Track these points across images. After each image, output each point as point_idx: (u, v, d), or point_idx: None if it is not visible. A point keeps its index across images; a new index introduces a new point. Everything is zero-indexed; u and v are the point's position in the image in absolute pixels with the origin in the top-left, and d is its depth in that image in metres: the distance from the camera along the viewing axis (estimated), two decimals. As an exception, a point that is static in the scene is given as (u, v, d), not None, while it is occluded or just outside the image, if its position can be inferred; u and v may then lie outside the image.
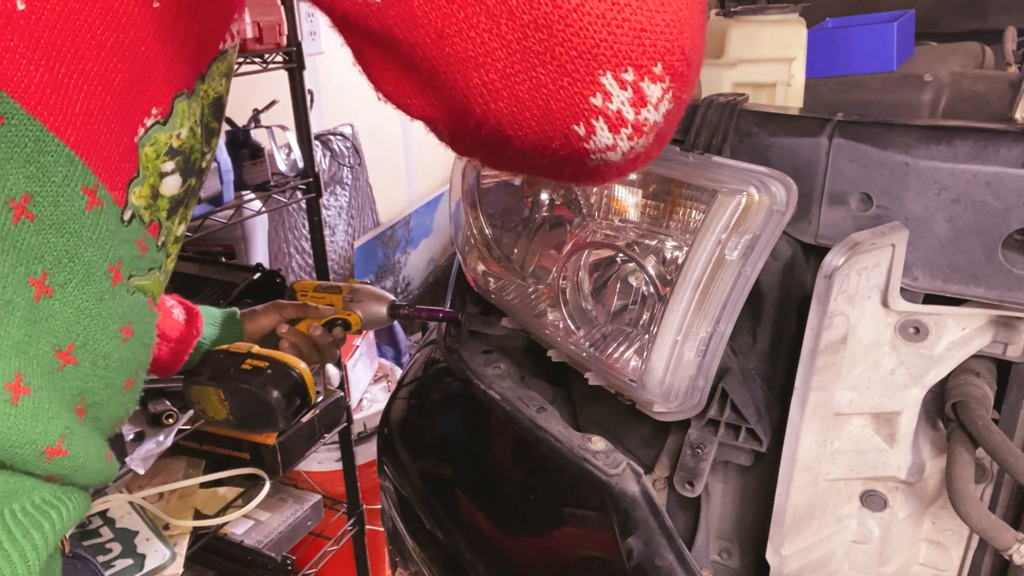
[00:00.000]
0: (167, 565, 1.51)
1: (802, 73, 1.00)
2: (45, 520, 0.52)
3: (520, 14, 0.40)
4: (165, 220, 0.59)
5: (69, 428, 0.53)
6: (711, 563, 0.87)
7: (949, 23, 1.52)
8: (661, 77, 0.43)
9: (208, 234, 1.70)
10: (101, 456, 0.57)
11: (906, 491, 0.80)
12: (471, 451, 1.04)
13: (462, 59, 0.42)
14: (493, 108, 0.44)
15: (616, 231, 0.86)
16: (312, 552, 2.04)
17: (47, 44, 0.46)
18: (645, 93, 0.43)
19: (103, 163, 0.51)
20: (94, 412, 0.57)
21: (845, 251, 0.68)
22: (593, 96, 0.43)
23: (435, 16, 0.41)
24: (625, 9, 0.40)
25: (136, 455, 1.44)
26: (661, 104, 0.44)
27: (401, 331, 2.84)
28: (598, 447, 0.84)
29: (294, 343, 1.03)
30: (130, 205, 0.54)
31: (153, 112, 0.54)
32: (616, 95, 0.43)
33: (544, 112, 0.44)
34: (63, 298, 0.51)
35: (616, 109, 0.43)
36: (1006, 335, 0.73)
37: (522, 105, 0.44)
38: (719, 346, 0.75)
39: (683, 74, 0.44)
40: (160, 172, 0.56)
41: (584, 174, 0.49)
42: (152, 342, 0.63)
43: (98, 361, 0.55)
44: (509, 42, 0.41)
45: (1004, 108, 1.04)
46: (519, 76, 0.42)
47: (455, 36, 0.42)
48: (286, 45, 1.72)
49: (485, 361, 1.05)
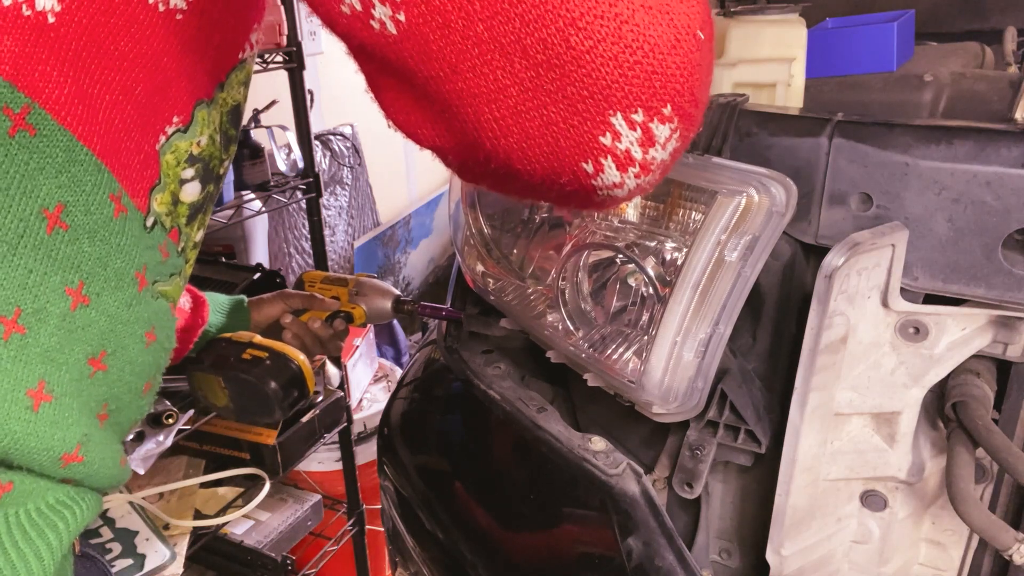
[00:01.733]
0: (167, 565, 1.50)
1: (802, 73, 1.00)
2: (60, 520, 0.53)
3: (534, 53, 0.41)
4: (185, 226, 0.60)
5: (87, 435, 0.53)
6: (711, 563, 0.87)
7: (949, 23, 1.52)
8: (670, 118, 0.44)
9: (208, 234, 1.70)
10: (116, 461, 0.58)
11: (906, 491, 0.80)
12: (471, 451, 1.04)
13: (475, 94, 0.43)
14: (503, 143, 0.45)
15: (615, 232, 0.86)
16: (312, 552, 2.04)
17: (74, 56, 0.47)
18: (654, 133, 0.44)
19: (126, 171, 0.52)
20: (115, 416, 0.58)
21: (845, 251, 0.68)
22: (603, 135, 0.43)
23: (450, 52, 0.41)
24: (637, 52, 0.41)
25: (136, 455, 1.44)
26: (669, 143, 0.45)
27: (401, 331, 2.84)
28: (598, 447, 0.84)
29: (297, 334, 1.04)
30: (152, 212, 0.55)
31: (174, 120, 0.55)
32: (625, 135, 0.43)
33: (553, 149, 0.44)
34: (99, 307, 0.52)
35: (625, 148, 0.44)
36: (1006, 335, 0.73)
37: (532, 141, 0.44)
38: (718, 347, 0.75)
39: (691, 115, 0.45)
40: (180, 179, 0.57)
41: (591, 205, 0.50)
42: (172, 346, 0.65)
43: (125, 367, 0.56)
44: (522, 80, 0.42)
45: (1004, 108, 1.04)
46: (530, 113, 0.43)
47: (468, 72, 0.42)
48: (286, 45, 1.72)
49: (485, 361, 1.05)
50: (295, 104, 1.81)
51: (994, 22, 1.44)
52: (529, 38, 0.40)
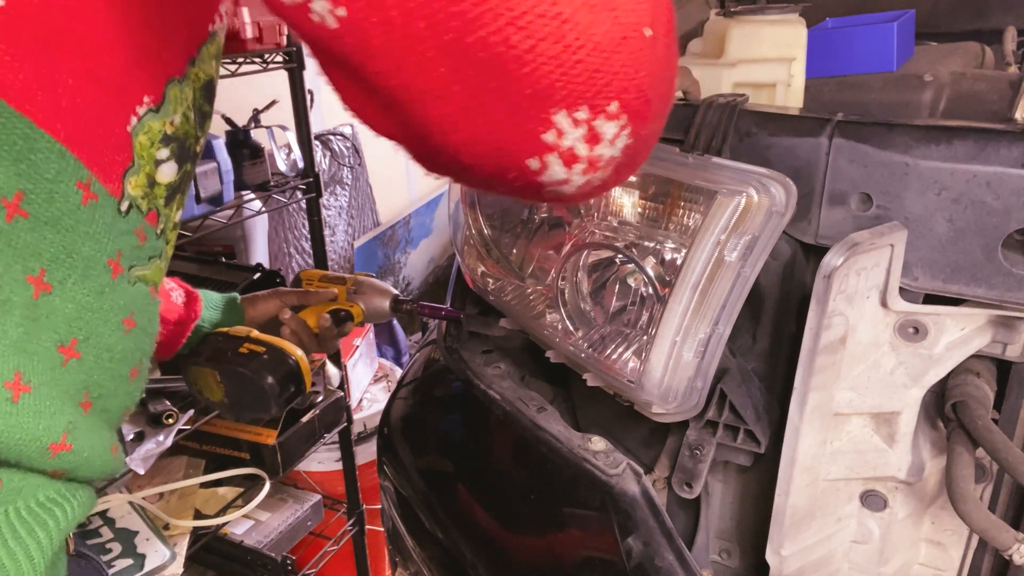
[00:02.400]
0: (167, 565, 1.51)
1: (802, 73, 1.00)
2: (49, 518, 0.52)
3: (475, 52, 0.40)
4: (163, 208, 0.58)
5: (73, 423, 0.53)
6: (711, 563, 0.87)
7: (949, 23, 1.52)
8: (617, 115, 0.44)
9: (208, 234, 1.70)
10: (107, 449, 0.58)
11: (906, 491, 0.80)
12: (471, 451, 1.04)
13: (420, 91, 0.43)
14: (451, 139, 0.45)
15: (615, 232, 0.86)
16: (312, 552, 2.04)
17: (29, 39, 0.46)
18: (599, 131, 0.44)
19: (96, 156, 0.51)
20: (101, 404, 0.57)
21: (844, 251, 0.68)
22: (546, 133, 0.43)
23: (392, 48, 0.41)
24: (579, 51, 0.41)
25: (136, 455, 1.44)
26: (618, 140, 0.45)
27: (401, 331, 2.84)
28: (598, 447, 0.83)
29: (295, 331, 1.03)
30: (127, 195, 0.54)
31: (145, 100, 0.53)
32: (568, 133, 0.43)
33: (499, 146, 0.44)
34: (63, 294, 0.51)
35: (569, 146, 0.44)
36: (1006, 335, 0.73)
37: (478, 138, 0.44)
38: (718, 347, 0.75)
39: (641, 112, 0.45)
40: (156, 160, 0.55)
41: (541, 200, 0.50)
42: (155, 330, 0.63)
43: (102, 354, 0.55)
44: (465, 78, 0.41)
45: (1004, 108, 1.04)
46: (475, 111, 0.43)
47: (412, 69, 0.42)
48: (286, 45, 1.72)
49: (485, 361, 1.05)
50: (295, 104, 1.81)
51: (994, 22, 1.43)
52: (470, 36, 0.40)
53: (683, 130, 0.81)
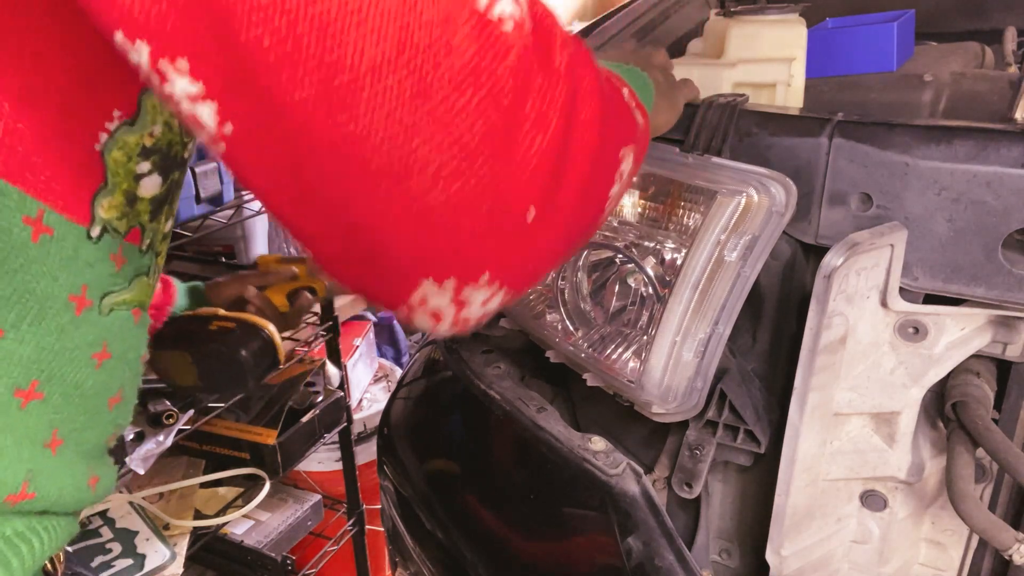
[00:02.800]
0: (167, 565, 1.50)
1: (802, 73, 1.00)
2: (14, 556, 0.49)
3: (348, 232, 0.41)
4: (149, 223, 0.54)
5: (33, 470, 0.49)
6: (711, 563, 0.87)
7: (949, 23, 1.52)
8: (487, 284, 0.44)
9: (208, 234, 1.70)
10: (81, 484, 0.54)
11: (906, 491, 0.80)
12: (471, 451, 1.04)
13: (304, 231, 0.43)
14: (336, 273, 0.46)
15: (615, 232, 0.86)
16: (312, 552, 2.04)
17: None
18: (467, 299, 0.44)
19: (48, 185, 0.46)
20: (75, 438, 0.53)
21: (844, 251, 0.68)
22: (412, 294, 0.44)
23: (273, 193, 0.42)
24: (447, 234, 0.41)
25: (136, 455, 1.44)
26: (489, 304, 0.45)
27: (401, 331, 2.84)
28: (598, 447, 0.83)
29: (260, 308, 1.02)
30: (98, 220, 0.49)
31: (115, 115, 0.48)
32: (434, 298, 0.44)
33: (374, 294, 0.46)
34: (17, 337, 0.47)
35: (435, 307, 0.44)
36: (1006, 335, 0.73)
37: (356, 281, 0.45)
38: (718, 347, 0.75)
39: (516, 282, 0.45)
40: (135, 175, 0.51)
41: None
42: (140, 353, 0.60)
43: (69, 391, 0.51)
44: (343, 246, 0.43)
45: (1004, 108, 1.04)
46: (350, 264, 0.44)
47: (293, 217, 0.42)
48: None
49: (485, 361, 1.04)
50: (295, 104, 1.81)
51: (994, 22, 1.43)
52: (341, 219, 0.41)
53: (683, 130, 0.81)
